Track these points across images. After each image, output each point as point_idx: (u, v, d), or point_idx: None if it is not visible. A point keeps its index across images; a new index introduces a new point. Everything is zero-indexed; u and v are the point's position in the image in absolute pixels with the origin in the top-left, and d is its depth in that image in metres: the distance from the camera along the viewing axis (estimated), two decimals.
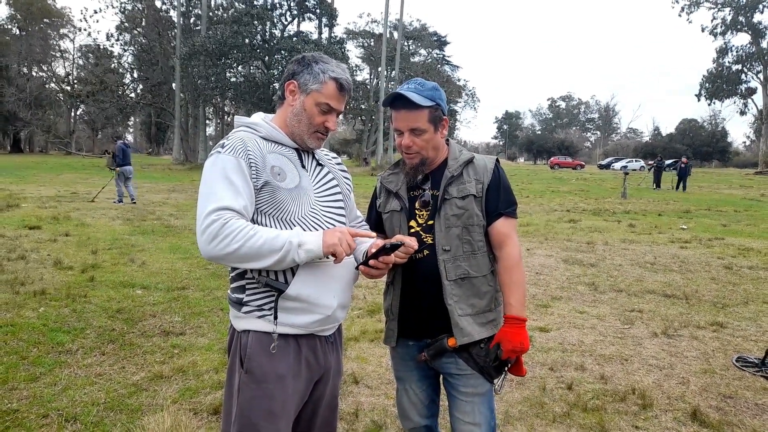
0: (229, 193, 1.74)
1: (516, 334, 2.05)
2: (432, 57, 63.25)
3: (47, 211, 12.28)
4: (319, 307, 1.85)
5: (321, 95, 1.89)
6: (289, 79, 1.93)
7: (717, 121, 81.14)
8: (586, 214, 16.01)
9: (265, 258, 1.71)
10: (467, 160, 2.17)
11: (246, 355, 1.84)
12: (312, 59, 1.93)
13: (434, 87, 2.12)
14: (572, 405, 3.73)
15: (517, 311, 2.07)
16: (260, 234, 1.70)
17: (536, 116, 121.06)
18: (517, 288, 2.08)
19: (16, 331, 4.70)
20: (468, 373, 2.12)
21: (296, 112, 1.91)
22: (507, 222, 2.14)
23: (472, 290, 2.11)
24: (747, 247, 10.38)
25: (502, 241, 2.13)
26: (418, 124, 2.07)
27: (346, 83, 1.93)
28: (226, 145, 1.82)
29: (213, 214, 1.69)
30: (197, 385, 3.83)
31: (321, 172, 2.01)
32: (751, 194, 25.80)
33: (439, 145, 2.17)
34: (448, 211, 2.11)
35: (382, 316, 5.53)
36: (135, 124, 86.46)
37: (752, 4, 54.06)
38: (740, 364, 4.53)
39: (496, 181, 2.15)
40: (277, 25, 41.13)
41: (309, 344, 1.90)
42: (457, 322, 2.08)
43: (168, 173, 30.95)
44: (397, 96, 2.05)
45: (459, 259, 2.10)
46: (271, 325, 1.83)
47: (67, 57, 68.39)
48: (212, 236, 1.67)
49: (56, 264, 7.18)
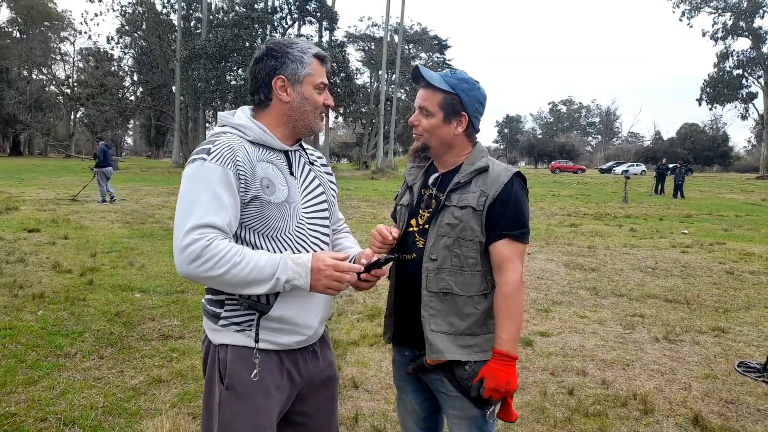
0: (213, 207, 1.60)
1: (501, 371, 1.85)
2: (433, 60, 63.23)
3: (46, 214, 12.27)
4: (302, 328, 1.79)
5: (314, 77, 1.79)
6: (273, 77, 1.77)
7: (718, 125, 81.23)
8: (587, 218, 16.00)
9: (250, 287, 1.62)
10: (480, 168, 1.98)
11: (226, 370, 1.74)
12: (281, 46, 1.79)
13: (465, 79, 1.99)
14: (573, 410, 3.71)
15: (507, 347, 1.87)
16: (247, 261, 1.59)
17: (537, 120, 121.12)
18: (512, 321, 1.88)
19: (14, 335, 4.68)
20: (454, 395, 1.98)
21: (297, 105, 1.79)
22: (510, 245, 1.92)
23: (453, 308, 1.94)
24: (748, 252, 10.37)
25: (500, 264, 1.92)
26: (427, 103, 1.98)
27: (325, 54, 1.84)
28: (213, 152, 1.66)
29: (194, 231, 1.57)
30: (196, 389, 3.80)
31: (308, 179, 1.88)
32: (752, 199, 25.81)
33: (450, 140, 2.01)
34: (444, 219, 1.96)
35: (382, 320, 5.50)
36: (135, 127, 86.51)
37: (752, 9, 54.12)
38: (742, 370, 4.51)
39: (506, 196, 1.92)
40: (278, 28, 41.22)
41: (290, 358, 1.83)
42: (427, 336, 1.94)
43: (167, 176, 30.92)
44: (416, 71, 2.00)
45: (444, 271, 1.94)
46: (251, 340, 1.74)
47: (68, 60, 68.52)
48: (194, 257, 1.56)
49: (55, 267, 7.16)
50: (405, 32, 54.33)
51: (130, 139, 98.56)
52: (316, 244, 1.82)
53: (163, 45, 43.86)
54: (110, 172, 15.92)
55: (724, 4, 56.40)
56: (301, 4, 40.50)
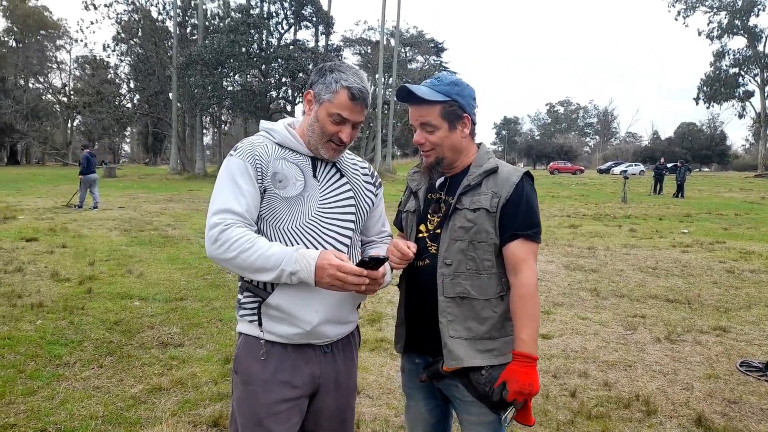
0: (233, 195, 1.80)
1: (525, 374, 1.82)
2: (429, 63, 63.38)
3: (44, 223, 12.24)
4: (299, 321, 1.82)
5: (332, 105, 1.85)
6: (308, 89, 1.93)
7: (716, 124, 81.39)
8: (586, 219, 16.00)
9: (258, 273, 1.74)
10: (490, 170, 1.96)
11: (236, 356, 1.92)
12: (329, 68, 1.89)
13: (454, 82, 1.97)
14: (576, 412, 3.69)
15: (528, 348, 1.84)
16: (255, 248, 1.72)
17: (535, 121, 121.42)
18: (530, 321, 1.86)
19: (13, 345, 4.65)
20: (469, 400, 1.95)
21: (311, 122, 1.89)
22: (524, 245, 1.90)
23: (471, 312, 1.92)
24: (748, 251, 10.36)
25: (515, 265, 1.90)
26: (428, 118, 1.95)
27: (358, 93, 1.85)
28: (237, 149, 1.89)
29: (216, 216, 1.77)
30: (196, 397, 3.78)
31: (336, 183, 1.96)
32: (751, 197, 25.84)
33: (459, 145, 1.99)
34: (457, 222, 1.93)
35: (382, 325, 5.49)
36: (132, 134, 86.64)
37: (747, 7, 54.35)
38: (744, 369, 4.50)
39: (517, 197, 1.91)
40: (274, 33, 41.21)
41: (301, 353, 1.87)
42: (446, 342, 1.91)
43: (165, 183, 30.92)
44: (404, 90, 1.94)
45: (460, 276, 1.92)
46: (257, 330, 1.86)
47: (64, 68, 68.70)
48: (213, 239, 1.75)
49: (53, 276, 7.13)
50: (401, 36, 54.45)
51: (127, 147, 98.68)
52: (329, 243, 1.88)
53: (159, 52, 43.89)
54: (93, 179, 16.24)
55: (719, 3, 56.66)
56: (296, 9, 40.50)
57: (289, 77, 37.91)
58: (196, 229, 11.88)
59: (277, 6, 41.33)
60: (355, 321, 2.03)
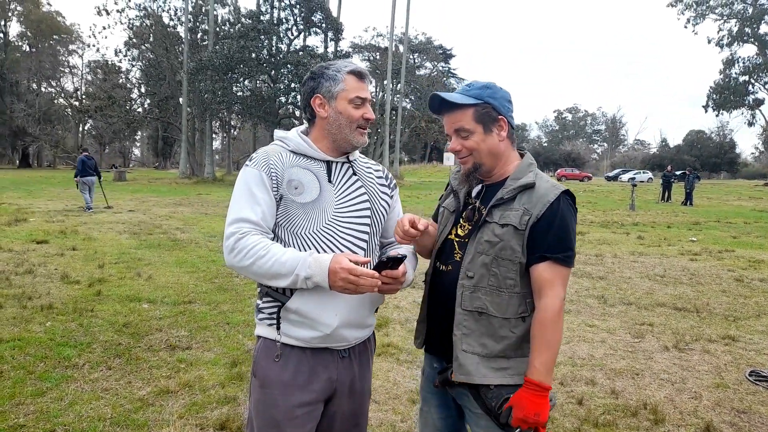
0: (249, 204, 1.84)
1: (533, 402, 1.73)
2: (438, 70, 63.47)
3: (55, 225, 12.33)
4: (318, 324, 1.85)
5: (348, 92, 1.91)
6: (312, 96, 1.95)
7: (725, 132, 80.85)
8: (594, 226, 15.94)
9: (275, 279, 1.78)
10: (525, 185, 1.87)
11: (255, 359, 1.95)
12: (321, 68, 1.96)
13: (486, 85, 1.92)
14: (583, 420, 3.68)
15: (540, 376, 1.75)
16: (270, 255, 1.76)
17: (543, 128, 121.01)
18: (546, 349, 1.77)
19: (23, 346, 4.69)
20: (479, 413, 1.89)
21: (333, 120, 1.93)
22: (552, 268, 1.80)
23: (487, 329, 1.85)
24: (758, 259, 10.30)
25: (540, 288, 1.80)
26: (461, 123, 1.89)
27: (361, 70, 1.96)
28: (253, 159, 1.93)
29: (232, 225, 1.82)
30: (204, 400, 3.80)
31: (351, 187, 1.98)
32: (760, 205, 25.67)
33: (497, 150, 1.92)
34: (484, 235, 1.86)
35: (389, 330, 5.49)
36: (142, 139, 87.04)
37: (758, 15, 54.12)
38: (753, 378, 4.47)
39: (551, 217, 1.81)
40: (284, 39, 41.35)
41: (319, 358, 1.90)
42: (458, 356, 1.86)
43: (175, 187, 31.07)
44: (437, 98, 1.91)
45: (480, 290, 1.85)
46: (275, 333, 1.89)
47: (76, 73, 69.08)
48: (230, 248, 1.79)
49: (63, 278, 7.19)
50: (410, 42, 54.54)
51: (137, 151, 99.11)
52: (346, 246, 1.91)
53: (170, 57, 44.20)
54: (90, 181, 16.21)
55: (729, 11, 56.45)
56: (306, 15, 40.66)
57: (298, 83, 37.98)
58: (205, 233, 11.94)
59: (287, 12, 41.52)
60: (372, 325, 2.05)
